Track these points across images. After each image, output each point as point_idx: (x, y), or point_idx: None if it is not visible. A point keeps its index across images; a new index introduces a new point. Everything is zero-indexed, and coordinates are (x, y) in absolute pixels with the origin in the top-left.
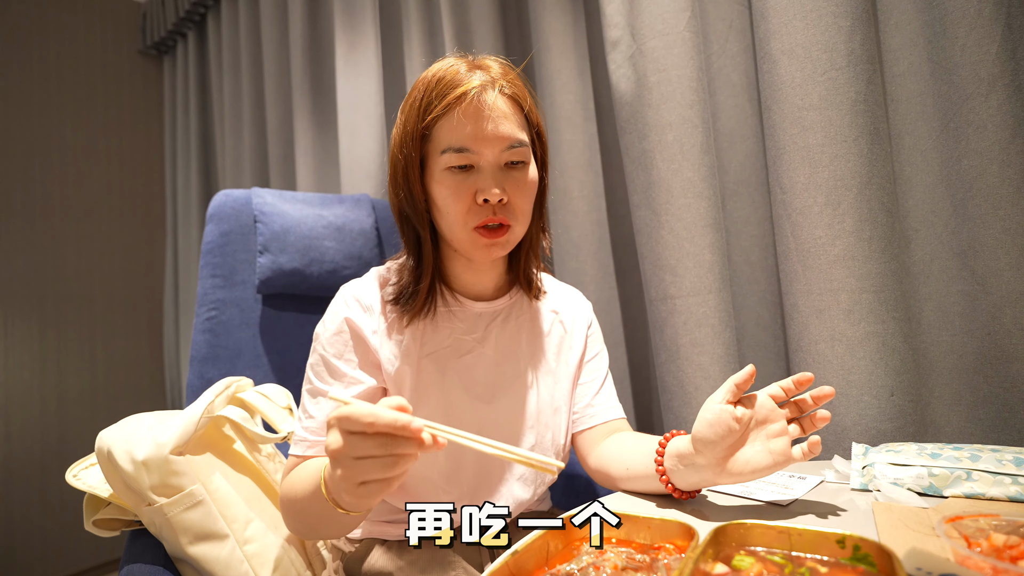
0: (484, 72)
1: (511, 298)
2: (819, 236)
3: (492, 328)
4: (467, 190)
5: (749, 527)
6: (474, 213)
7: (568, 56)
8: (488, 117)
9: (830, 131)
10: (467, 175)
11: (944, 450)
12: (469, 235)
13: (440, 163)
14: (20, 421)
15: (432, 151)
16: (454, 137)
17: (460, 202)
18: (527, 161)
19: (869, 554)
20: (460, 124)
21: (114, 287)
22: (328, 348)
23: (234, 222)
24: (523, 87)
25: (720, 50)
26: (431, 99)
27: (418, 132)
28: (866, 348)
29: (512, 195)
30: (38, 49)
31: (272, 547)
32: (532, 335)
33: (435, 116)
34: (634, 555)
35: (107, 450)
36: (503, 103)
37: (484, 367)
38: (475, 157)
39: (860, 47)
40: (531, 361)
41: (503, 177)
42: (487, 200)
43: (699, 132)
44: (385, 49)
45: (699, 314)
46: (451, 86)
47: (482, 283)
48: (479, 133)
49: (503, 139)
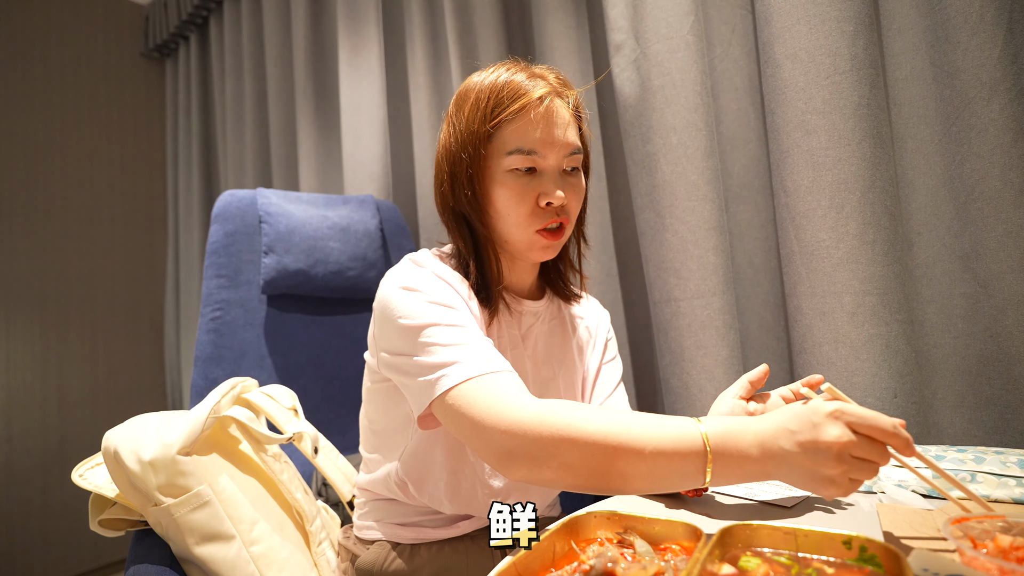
0: (544, 81)
1: (548, 301)
2: (823, 239)
3: (533, 328)
4: (531, 192)
5: (756, 528)
6: (537, 215)
7: (571, 59)
8: (556, 123)
9: (833, 135)
10: (531, 178)
11: (948, 452)
12: (530, 237)
13: (503, 165)
14: (22, 422)
15: (495, 152)
16: (524, 140)
17: (524, 204)
18: (580, 168)
19: (876, 555)
20: (531, 127)
21: (115, 289)
22: (432, 291)
23: (239, 222)
24: (580, 101)
25: (723, 54)
26: (499, 100)
27: (484, 132)
28: (870, 350)
29: (569, 199)
30: (40, 51)
31: (278, 548)
32: (563, 339)
33: (504, 119)
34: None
35: (114, 450)
36: (566, 112)
37: (526, 367)
38: (540, 160)
39: (863, 51)
40: (562, 366)
41: (562, 182)
42: (550, 203)
43: (703, 135)
44: (388, 52)
45: (703, 316)
46: (522, 90)
47: (522, 282)
48: (548, 137)
49: (567, 145)
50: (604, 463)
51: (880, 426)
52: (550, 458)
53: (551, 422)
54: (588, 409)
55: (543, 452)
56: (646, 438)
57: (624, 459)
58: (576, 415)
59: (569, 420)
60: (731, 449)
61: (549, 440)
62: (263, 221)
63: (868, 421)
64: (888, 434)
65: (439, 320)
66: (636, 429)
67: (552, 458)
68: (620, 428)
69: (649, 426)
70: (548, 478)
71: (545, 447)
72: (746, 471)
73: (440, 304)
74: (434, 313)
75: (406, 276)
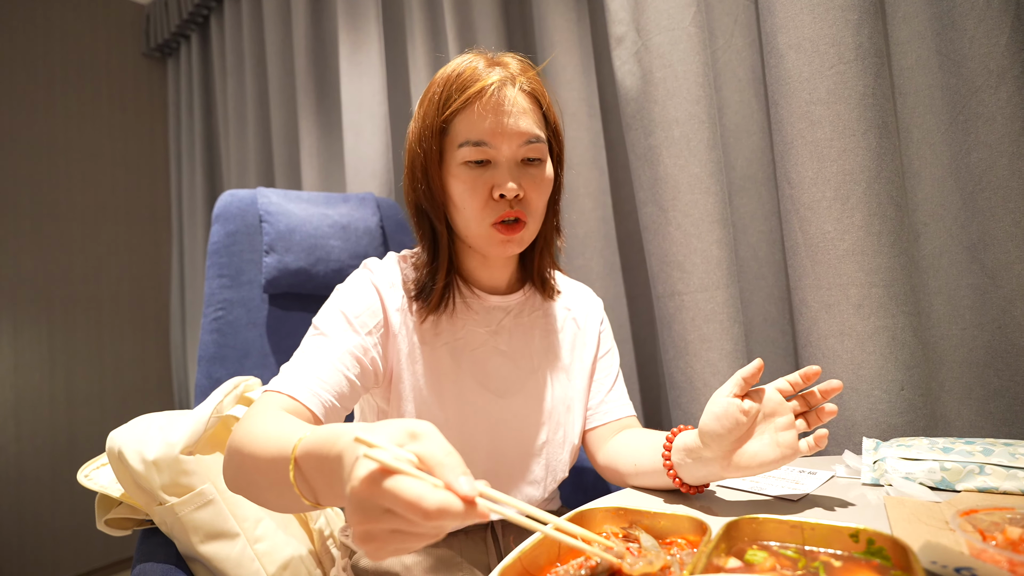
0: (503, 68)
1: (524, 295)
2: (828, 231)
3: (505, 323)
4: (484, 185)
5: (762, 521)
6: (491, 208)
7: (572, 53)
8: (507, 112)
9: (838, 125)
10: (484, 170)
11: (956, 444)
12: (486, 231)
13: (457, 157)
14: (30, 422)
15: (449, 145)
16: (472, 131)
17: (476, 197)
18: (544, 158)
19: (883, 548)
20: (479, 118)
21: (121, 289)
22: (348, 303)
23: (240, 222)
24: (541, 85)
25: (726, 45)
26: (450, 93)
27: (437, 126)
28: (876, 343)
29: (528, 191)
30: (42, 53)
31: (282, 545)
32: (545, 332)
33: (454, 110)
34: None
35: (118, 450)
36: (522, 99)
37: (498, 362)
38: (492, 152)
39: (868, 40)
40: (545, 358)
41: (520, 173)
42: (503, 195)
43: (705, 128)
44: (389, 48)
45: (707, 310)
46: (471, 80)
47: (496, 279)
48: (497, 127)
49: (521, 134)
50: (246, 472)
51: (421, 503)
52: (226, 466)
53: (232, 432)
54: (257, 418)
55: (224, 460)
56: (263, 446)
57: (251, 467)
58: (241, 425)
59: (235, 430)
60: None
61: (228, 449)
62: (263, 220)
63: (407, 498)
64: (438, 511)
65: (321, 328)
66: (260, 437)
67: (226, 466)
68: (251, 436)
69: (269, 434)
70: (233, 489)
71: (227, 456)
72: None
73: (337, 312)
74: (325, 320)
75: (350, 279)
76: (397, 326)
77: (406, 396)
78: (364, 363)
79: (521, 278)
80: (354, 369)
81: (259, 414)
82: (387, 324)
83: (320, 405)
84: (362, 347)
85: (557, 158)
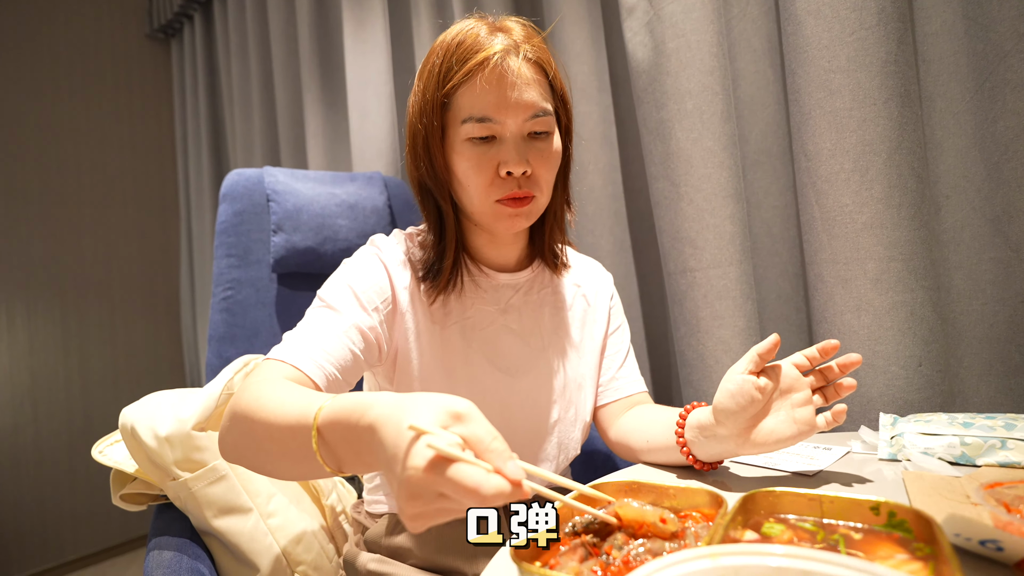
0: (506, 35)
1: (533, 271)
2: (846, 204)
3: (514, 301)
4: (489, 162)
5: (779, 495)
6: (497, 186)
7: (582, 25)
8: (511, 84)
9: (858, 94)
10: (489, 146)
11: (976, 419)
12: (492, 208)
13: (460, 133)
14: (47, 404)
15: (452, 120)
16: (475, 106)
17: (482, 175)
18: (551, 131)
19: (905, 520)
20: (482, 92)
21: (131, 271)
22: (356, 278)
23: (247, 201)
24: (547, 51)
25: (741, 13)
26: (451, 65)
27: (438, 100)
28: (894, 318)
29: (536, 166)
30: (47, 36)
31: (295, 520)
32: (555, 309)
33: (455, 84)
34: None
35: (131, 426)
36: (527, 69)
37: (508, 340)
38: (497, 127)
39: (891, 5)
40: (555, 336)
41: (527, 148)
42: (510, 173)
43: (719, 100)
44: (393, 25)
45: (720, 286)
46: (472, 51)
47: (504, 256)
48: (502, 101)
49: (527, 107)
50: (254, 439)
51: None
52: (226, 433)
53: (234, 398)
54: (264, 385)
55: (224, 427)
56: (277, 412)
57: (262, 434)
58: (245, 391)
59: (238, 397)
60: (340, 424)
61: (229, 416)
62: (271, 200)
63: (468, 484)
64: (494, 497)
65: (328, 300)
66: (272, 404)
67: (227, 433)
68: (261, 403)
69: (283, 401)
70: (234, 457)
71: (228, 423)
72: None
73: (344, 286)
74: (331, 293)
75: (355, 254)
76: (405, 305)
77: (413, 376)
78: (369, 339)
79: (530, 255)
80: (359, 344)
81: (264, 381)
82: (395, 302)
83: (323, 377)
84: (368, 323)
85: (565, 129)
